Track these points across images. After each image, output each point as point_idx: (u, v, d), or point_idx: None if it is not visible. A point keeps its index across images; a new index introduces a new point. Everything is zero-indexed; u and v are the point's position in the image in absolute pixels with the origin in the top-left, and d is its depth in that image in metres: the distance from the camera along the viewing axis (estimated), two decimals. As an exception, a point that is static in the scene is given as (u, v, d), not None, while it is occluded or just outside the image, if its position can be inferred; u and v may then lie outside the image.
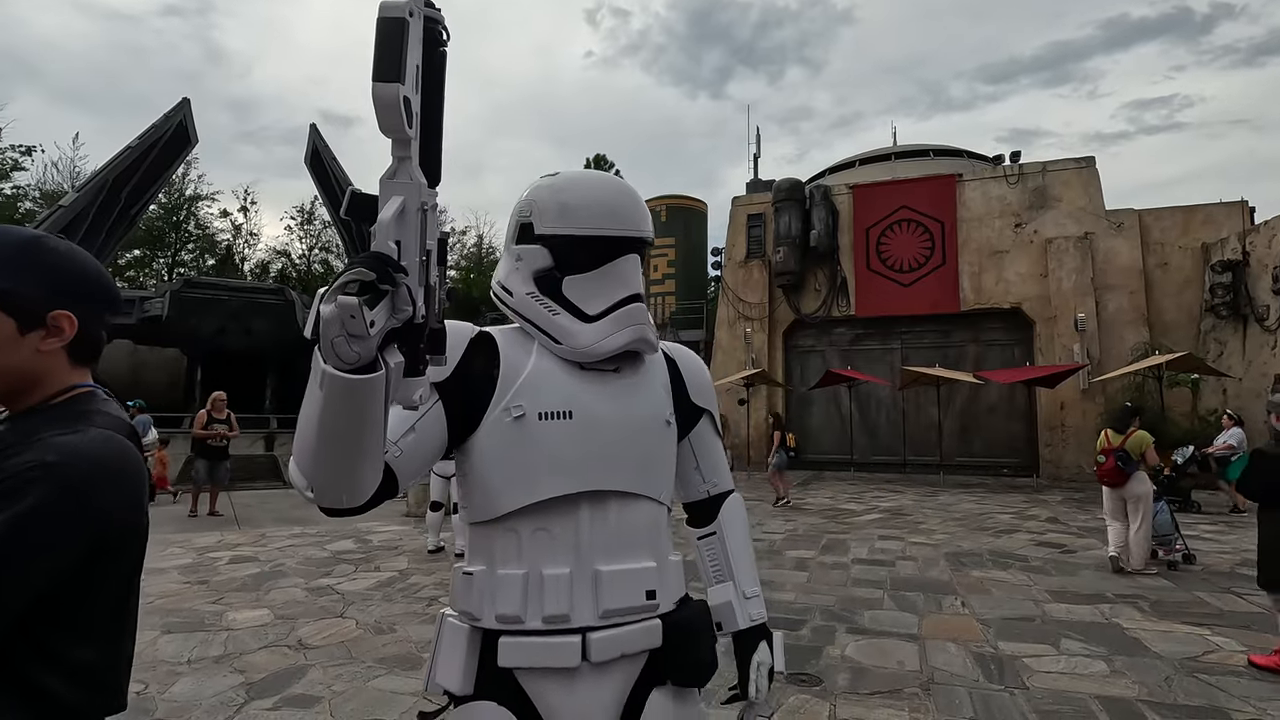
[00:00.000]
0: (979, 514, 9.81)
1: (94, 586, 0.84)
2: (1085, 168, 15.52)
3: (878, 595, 5.21)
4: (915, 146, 20.44)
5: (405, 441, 1.01)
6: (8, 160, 28.55)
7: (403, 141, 0.72)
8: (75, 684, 0.83)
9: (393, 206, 0.71)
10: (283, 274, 33.97)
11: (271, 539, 7.69)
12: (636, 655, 1.11)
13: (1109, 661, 3.80)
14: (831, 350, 17.43)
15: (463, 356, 1.08)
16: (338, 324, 0.67)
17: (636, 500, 1.14)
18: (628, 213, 1.13)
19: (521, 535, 1.08)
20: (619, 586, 1.08)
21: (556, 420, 1.08)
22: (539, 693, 1.06)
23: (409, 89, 0.70)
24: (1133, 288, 14.71)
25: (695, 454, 1.32)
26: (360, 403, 0.75)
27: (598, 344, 1.09)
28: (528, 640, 1.05)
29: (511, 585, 1.06)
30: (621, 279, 1.13)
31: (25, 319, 0.90)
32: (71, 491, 0.78)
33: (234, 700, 3.25)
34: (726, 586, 1.30)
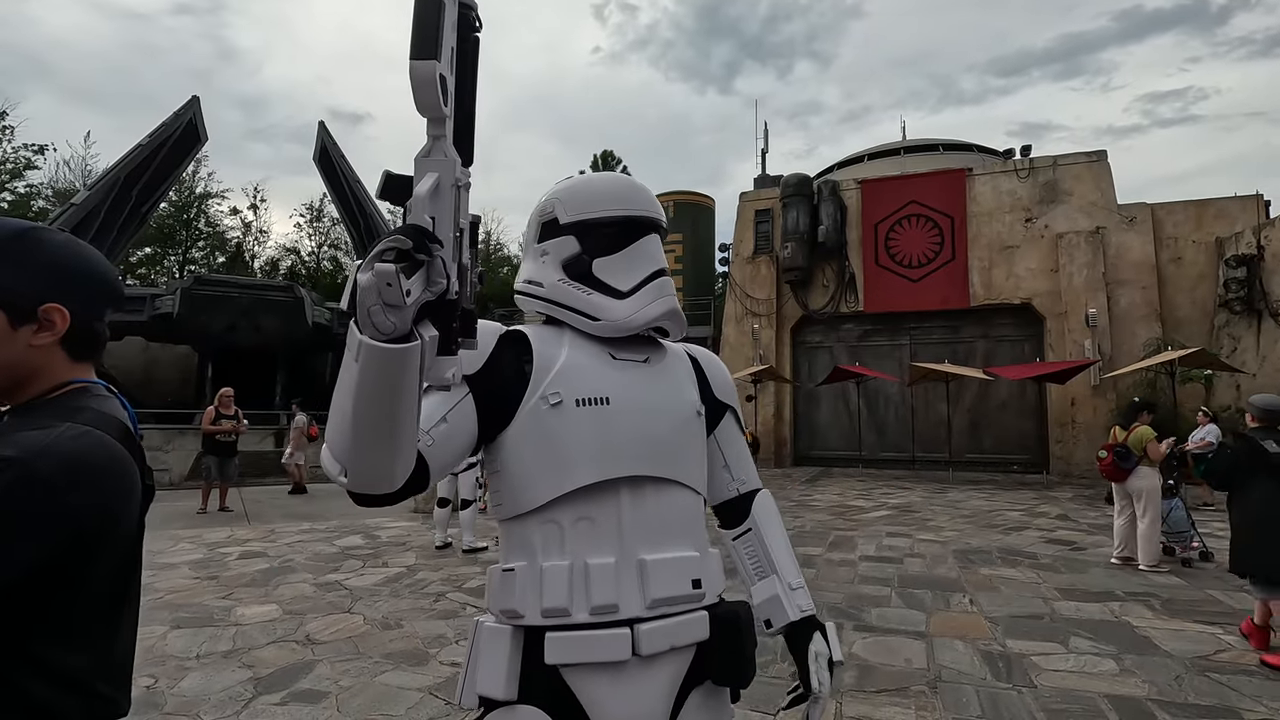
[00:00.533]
0: (988, 511, 9.75)
1: (72, 588, 0.81)
2: (1097, 161, 15.36)
3: (885, 593, 5.18)
4: (924, 141, 20.28)
5: (437, 431, 1.01)
6: (20, 159, 28.81)
7: (438, 120, 0.73)
8: (64, 689, 0.81)
9: (428, 182, 0.72)
10: (292, 271, 34.17)
11: (281, 535, 7.74)
12: (684, 649, 1.09)
13: (1118, 660, 3.77)
14: (839, 346, 17.35)
15: (493, 352, 1.09)
16: (374, 292, 0.67)
17: (674, 487, 1.14)
18: (641, 197, 1.20)
19: (563, 525, 1.07)
20: (665, 575, 1.07)
21: (594, 406, 1.09)
22: (586, 690, 1.03)
23: (445, 67, 0.71)
24: (1145, 283, 14.56)
25: (722, 451, 1.33)
26: (395, 375, 0.74)
27: (633, 316, 1.12)
28: (576, 634, 1.03)
29: (557, 577, 1.04)
30: (648, 256, 1.18)
31: (16, 312, 0.89)
32: (31, 488, 0.74)
33: (242, 695, 3.27)
34: (770, 581, 1.29)
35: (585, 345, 1.15)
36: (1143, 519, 6.08)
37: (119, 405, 0.97)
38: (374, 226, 21.77)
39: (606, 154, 38.17)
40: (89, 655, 0.84)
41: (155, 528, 7.78)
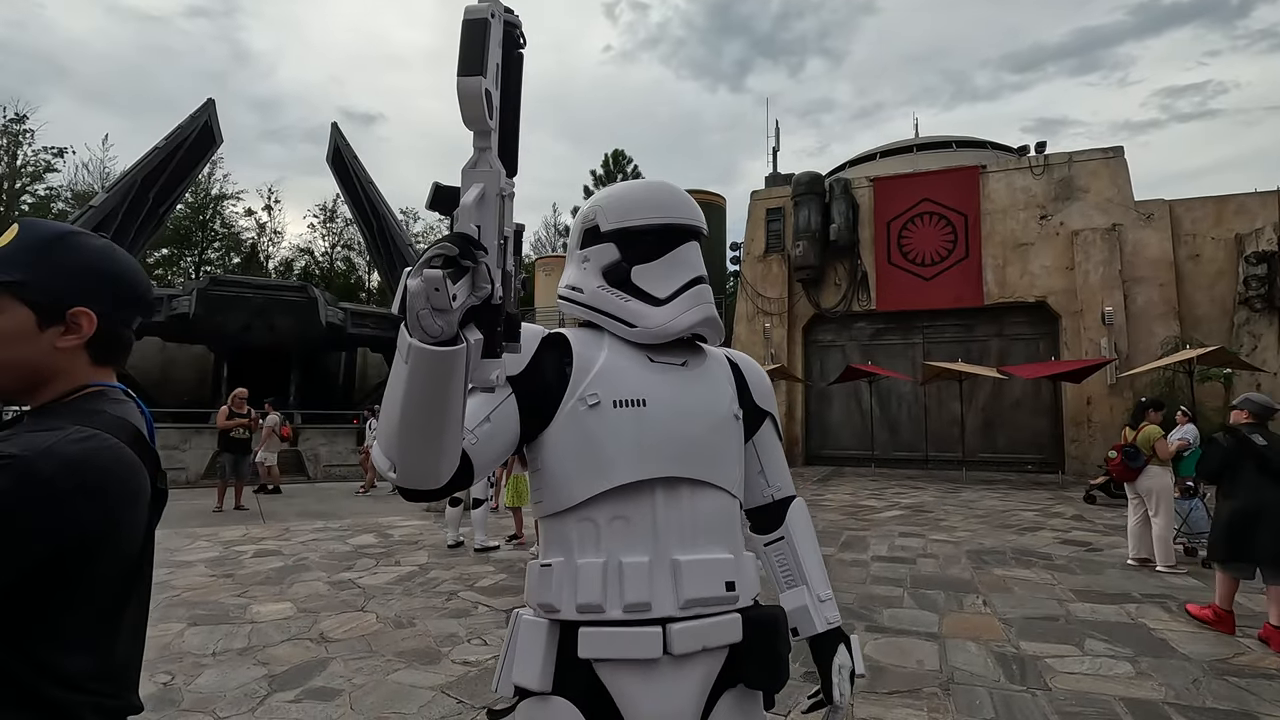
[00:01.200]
0: (1002, 511, 9.67)
1: (70, 590, 0.81)
2: (1113, 158, 15.18)
3: (897, 593, 5.16)
4: (937, 138, 20.12)
5: (481, 430, 1.05)
6: (40, 162, 29.30)
7: (484, 133, 0.78)
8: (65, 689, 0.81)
9: (474, 192, 0.77)
10: (306, 271, 34.49)
11: (295, 533, 7.82)
12: (717, 651, 1.10)
13: (1134, 663, 3.72)
14: (852, 345, 17.26)
15: (535, 354, 1.13)
16: (423, 297, 0.71)
17: (709, 489, 1.15)
18: (681, 204, 1.21)
19: (599, 524, 1.09)
20: (698, 576, 1.08)
21: (630, 408, 1.11)
22: (618, 686, 1.05)
23: (490, 83, 0.76)
24: (1163, 280, 14.37)
25: (759, 457, 1.33)
26: (442, 376, 0.79)
27: (670, 323, 1.14)
28: (609, 630, 1.05)
29: (591, 574, 1.07)
30: (686, 263, 1.19)
31: (45, 313, 0.90)
32: (31, 487, 0.75)
33: (257, 692, 3.31)
34: (800, 591, 1.30)
35: (624, 348, 1.17)
36: (1156, 519, 6.01)
37: (134, 409, 0.98)
38: (387, 227, 21.93)
39: (617, 153, 38.18)
40: (89, 657, 0.84)
41: (172, 525, 7.89)
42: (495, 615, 4.59)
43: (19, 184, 28.99)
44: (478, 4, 0.77)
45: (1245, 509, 4.24)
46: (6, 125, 28.60)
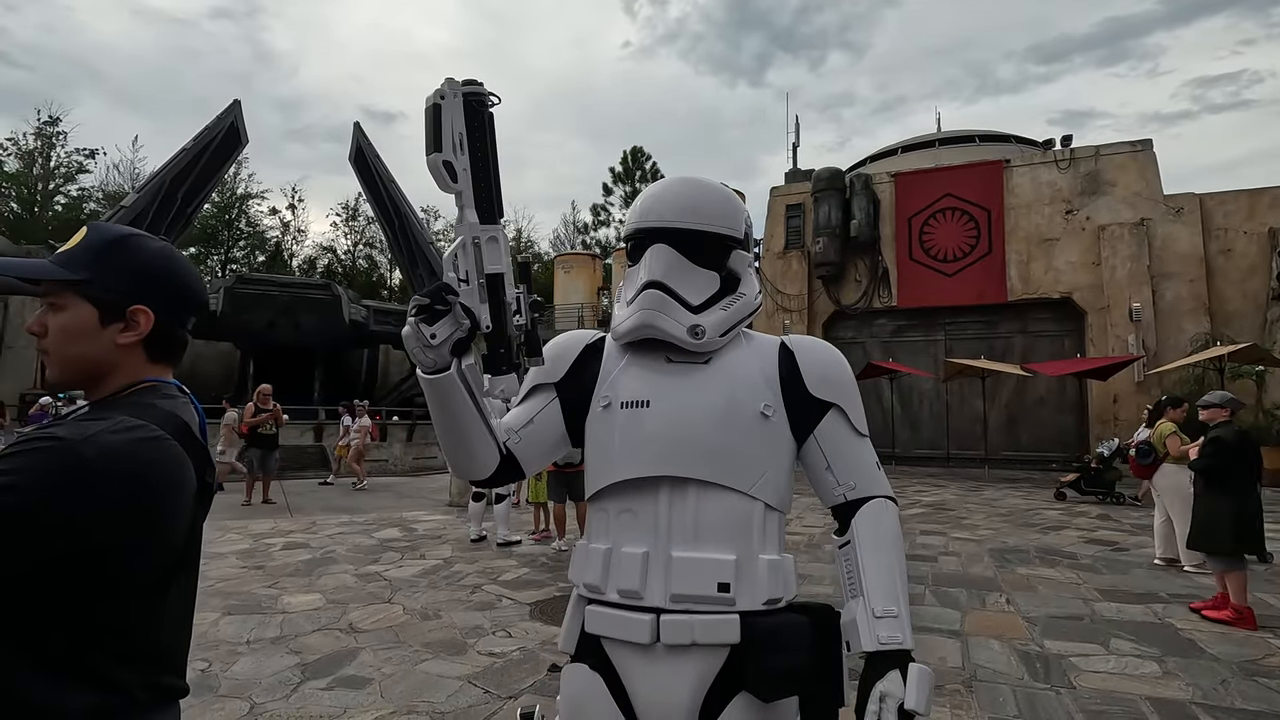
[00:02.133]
0: (1025, 509, 9.57)
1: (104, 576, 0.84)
2: (1141, 151, 14.89)
3: (919, 590, 5.14)
4: (960, 132, 19.87)
5: (525, 431, 1.23)
6: (73, 163, 30.02)
7: (456, 194, 0.97)
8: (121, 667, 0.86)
9: (455, 245, 0.98)
10: (329, 269, 34.95)
11: (321, 527, 7.97)
12: (714, 648, 1.10)
13: (1161, 663, 3.69)
14: (873, 342, 17.14)
15: (577, 359, 1.28)
16: (412, 339, 0.94)
17: (718, 491, 1.14)
18: (664, 206, 1.21)
19: (609, 514, 1.20)
20: (689, 573, 1.11)
21: (635, 409, 1.19)
22: (621, 664, 1.14)
23: (449, 154, 0.94)
24: (1193, 275, 14.09)
25: (824, 453, 1.23)
26: (444, 395, 1.03)
27: (617, 328, 1.23)
28: (607, 611, 1.15)
29: (596, 558, 1.18)
30: (645, 268, 1.21)
31: (107, 310, 0.96)
32: (68, 469, 0.78)
33: (291, 680, 3.40)
34: (857, 603, 1.15)
35: (646, 351, 1.23)
36: (1176, 518, 5.91)
37: (187, 405, 1.03)
38: (408, 225, 22.14)
39: (636, 150, 38.19)
40: (133, 639, 0.88)
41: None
42: (519, 608, 4.66)
43: (53, 184, 29.72)
44: (432, 91, 0.95)
45: (1247, 504, 4.52)
46: (40, 128, 29.35)
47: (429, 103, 0.94)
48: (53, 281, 0.96)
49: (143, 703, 0.90)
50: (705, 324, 1.17)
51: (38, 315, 0.97)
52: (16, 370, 18.17)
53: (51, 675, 0.81)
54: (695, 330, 1.16)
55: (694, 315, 1.17)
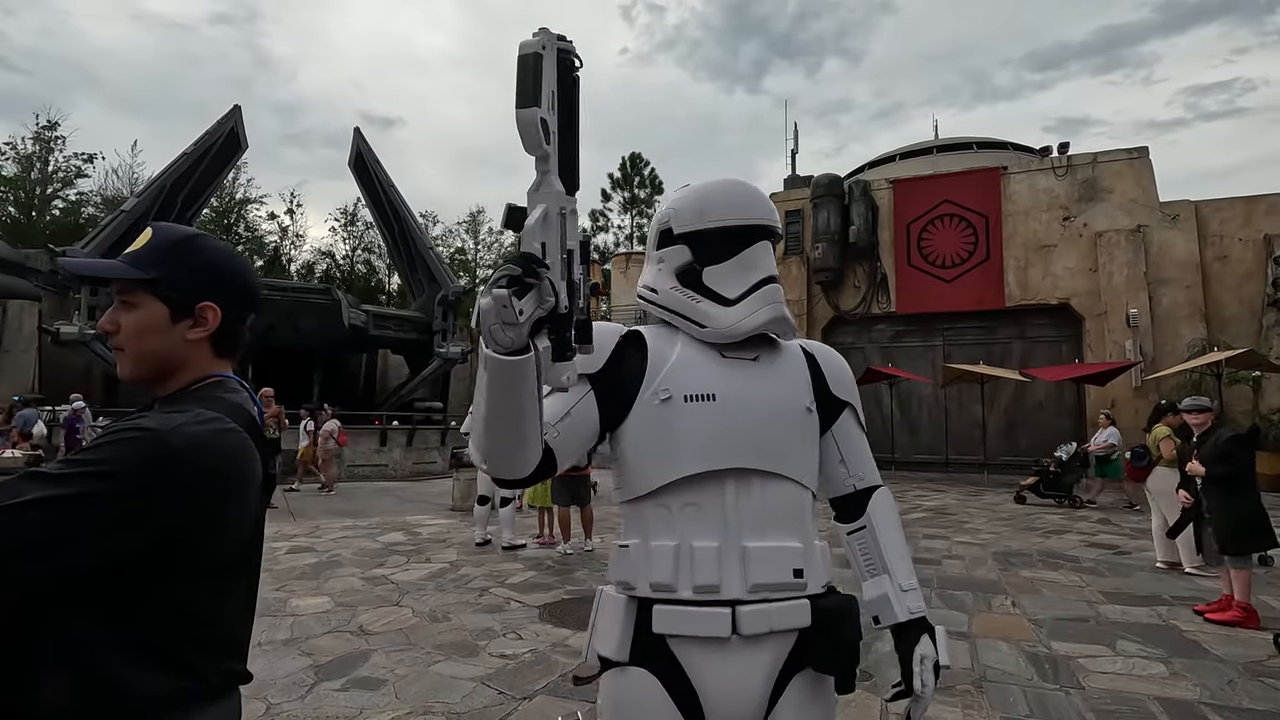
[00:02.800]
0: (1026, 514, 9.62)
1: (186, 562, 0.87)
2: (1138, 158, 15.02)
3: (925, 593, 5.14)
4: (958, 139, 20.01)
5: (562, 425, 1.13)
6: (71, 168, 29.93)
7: (543, 157, 0.84)
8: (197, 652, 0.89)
9: (537, 213, 0.83)
10: (327, 274, 34.92)
11: (325, 531, 7.97)
12: (785, 634, 1.14)
13: (1168, 663, 3.73)
14: (871, 347, 17.20)
15: (614, 351, 1.21)
16: (493, 313, 0.79)
17: (779, 481, 1.19)
18: (754, 204, 1.24)
19: (672, 510, 1.16)
20: (766, 562, 1.13)
21: (700, 402, 1.17)
22: (691, 661, 1.12)
23: (545, 111, 0.82)
24: (1189, 282, 14.19)
25: (839, 447, 1.34)
26: (516, 381, 0.87)
27: (739, 323, 1.19)
28: (680, 609, 1.12)
29: (664, 556, 1.14)
30: (755, 264, 1.23)
31: (176, 307, 1.00)
32: (159, 459, 0.82)
33: (305, 681, 3.41)
34: (881, 580, 1.29)
35: (697, 344, 1.23)
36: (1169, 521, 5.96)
37: (249, 398, 1.07)
38: (408, 230, 22.18)
39: (634, 156, 38.30)
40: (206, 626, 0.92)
41: (206, 522, 8.07)
42: (528, 611, 4.67)
43: (51, 189, 29.66)
44: (530, 39, 0.83)
45: (1257, 503, 4.60)
46: (38, 132, 29.28)
47: (527, 51, 0.82)
48: (125, 280, 1.00)
49: (216, 687, 0.93)
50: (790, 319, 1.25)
51: (109, 314, 1.00)
52: (13, 374, 18.11)
53: (138, 658, 0.84)
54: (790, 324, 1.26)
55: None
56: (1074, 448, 10.71)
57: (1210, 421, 4.95)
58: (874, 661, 3.69)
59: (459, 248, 38.79)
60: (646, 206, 39.30)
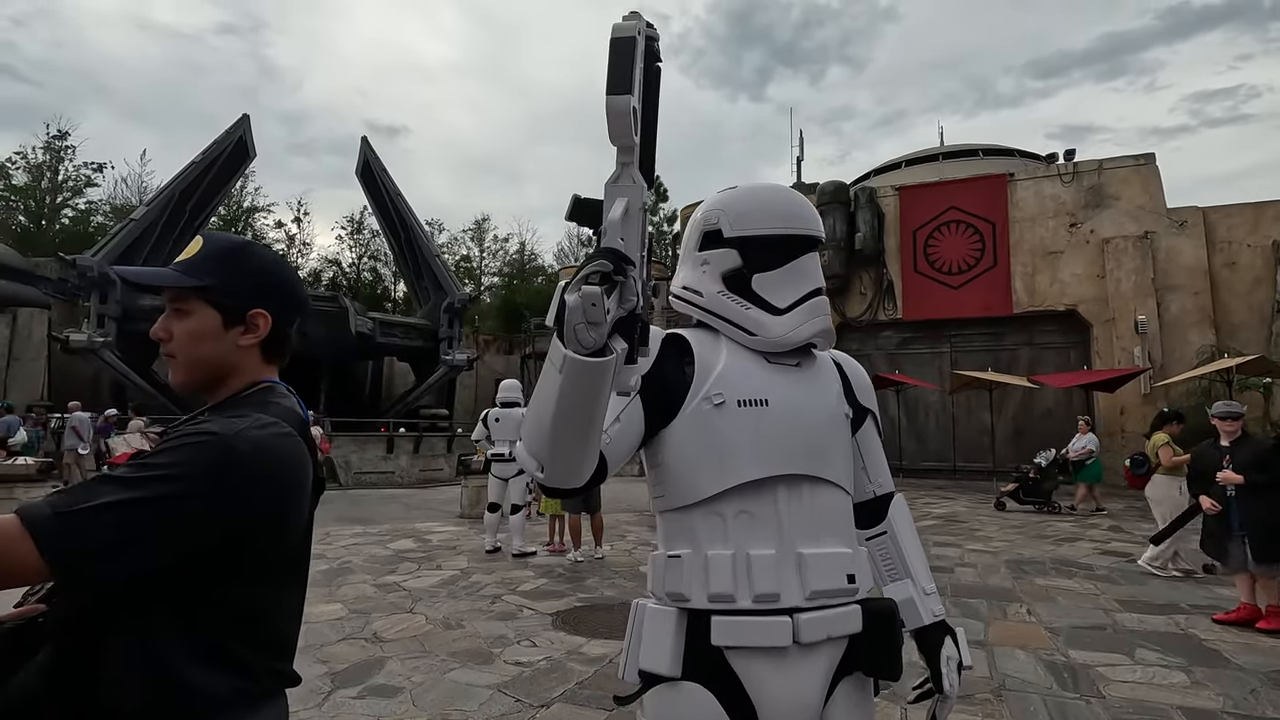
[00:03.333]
0: (1038, 521, 9.56)
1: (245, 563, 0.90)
2: (1144, 165, 15.01)
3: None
4: (964, 146, 20.04)
5: (613, 430, 1.11)
6: (81, 177, 30.23)
7: (628, 148, 0.79)
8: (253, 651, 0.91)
9: (619, 206, 0.79)
10: (334, 282, 35.06)
11: (335, 538, 7.97)
12: (839, 640, 1.15)
13: (1188, 672, 3.70)
14: (878, 354, 17.17)
15: (657, 355, 1.17)
16: (580, 311, 0.76)
17: (827, 486, 1.19)
18: (804, 214, 1.24)
19: (726, 518, 1.14)
20: (822, 568, 1.13)
21: (754, 407, 1.16)
22: (749, 672, 1.09)
23: (635, 100, 0.77)
24: (1197, 288, 14.15)
25: (862, 454, 1.35)
26: (596, 384, 0.83)
27: (790, 334, 1.19)
28: (741, 620, 1.10)
29: (722, 565, 1.11)
30: (806, 274, 1.23)
31: (229, 314, 1.01)
32: (226, 463, 0.84)
33: (321, 688, 3.41)
34: (905, 584, 1.32)
35: (742, 350, 1.22)
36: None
37: (298, 404, 1.08)
38: (414, 238, 22.27)
39: (639, 164, 38.36)
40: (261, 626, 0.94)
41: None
42: (541, 618, 4.66)
43: (60, 198, 29.91)
44: (625, 22, 0.78)
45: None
46: (49, 142, 29.58)
47: (623, 34, 0.76)
48: (179, 288, 1.01)
49: (268, 688, 0.94)
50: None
51: (162, 321, 1.02)
52: (24, 382, 18.20)
53: (203, 658, 0.86)
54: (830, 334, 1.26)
55: None
56: (1053, 454, 10.78)
57: (1240, 429, 4.92)
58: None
59: (464, 255, 38.94)
60: (651, 214, 39.28)
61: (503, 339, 30.58)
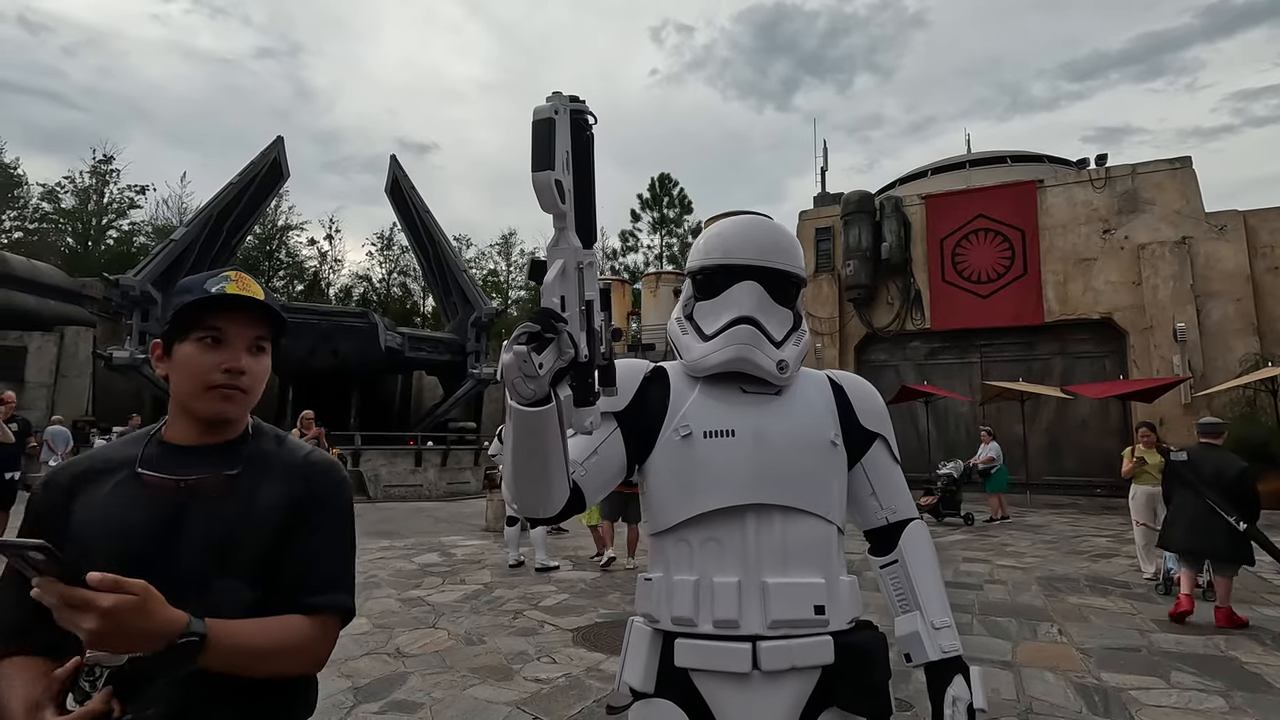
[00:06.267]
0: (1072, 536, 9.31)
1: None
2: (1180, 168, 14.63)
3: (966, 620, 5.04)
4: (991, 153, 19.74)
5: (589, 463, 1.18)
6: (125, 199, 31.41)
7: (559, 216, 0.88)
8: None
9: (555, 269, 0.88)
10: (364, 298, 35.79)
11: (363, 551, 8.08)
12: (808, 671, 1.13)
13: (1227, 697, 3.56)
14: (906, 365, 16.94)
15: (639, 388, 1.25)
16: (515, 368, 0.83)
17: (802, 516, 1.18)
18: (749, 245, 1.24)
19: (692, 545, 1.18)
20: (786, 598, 1.13)
21: (720, 438, 1.19)
22: (713, 695, 1.12)
23: (559, 173, 0.85)
24: (1239, 294, 13.71)
25: (870, 479, 1.32)
26: (539, 430, 0.92)
27: (703, 359, 1.23)
28: (701, 643, 1.13)
29: (685, 590, 1.15)
30: (733, 303, 1.23)
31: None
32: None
33: (344, 703, 3.46)
34: (913, 616, 1.26)
35: (718, 380, 1.24)
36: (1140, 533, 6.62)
37: None
38: (442, 254, 22.65)
39: (664, 176, 38.62)
40: None
41: (249, 543, 8.26)
42: (561, 634, 4.68)
43: (106, 220, 31.09)
44: (544, 104, 0.87)
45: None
46: (95, 166, 30.81)
47: (540, 116, 0.85)
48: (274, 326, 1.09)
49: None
50: (788, 359, 1.23)
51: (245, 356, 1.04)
52: (70, 398, 18.88)
53: None
54: (781, 365, 1.22)
55: (778, 350, 1.22)
56: (960, 465, 10.84)
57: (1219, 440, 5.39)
58: (915, 692, 3.61)
59: (491, 270, 39.51)
60: (675, 226, 39.51)
61: (529, 352, 30.78)
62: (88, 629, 0.75)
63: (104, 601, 0.75)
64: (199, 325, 1.00)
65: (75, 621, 0.76)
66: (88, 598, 0.75)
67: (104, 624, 0.75)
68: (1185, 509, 5.16)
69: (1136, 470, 6.64)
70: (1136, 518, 6.68)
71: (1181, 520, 5.16)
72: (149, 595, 0.79)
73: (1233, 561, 4.93)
